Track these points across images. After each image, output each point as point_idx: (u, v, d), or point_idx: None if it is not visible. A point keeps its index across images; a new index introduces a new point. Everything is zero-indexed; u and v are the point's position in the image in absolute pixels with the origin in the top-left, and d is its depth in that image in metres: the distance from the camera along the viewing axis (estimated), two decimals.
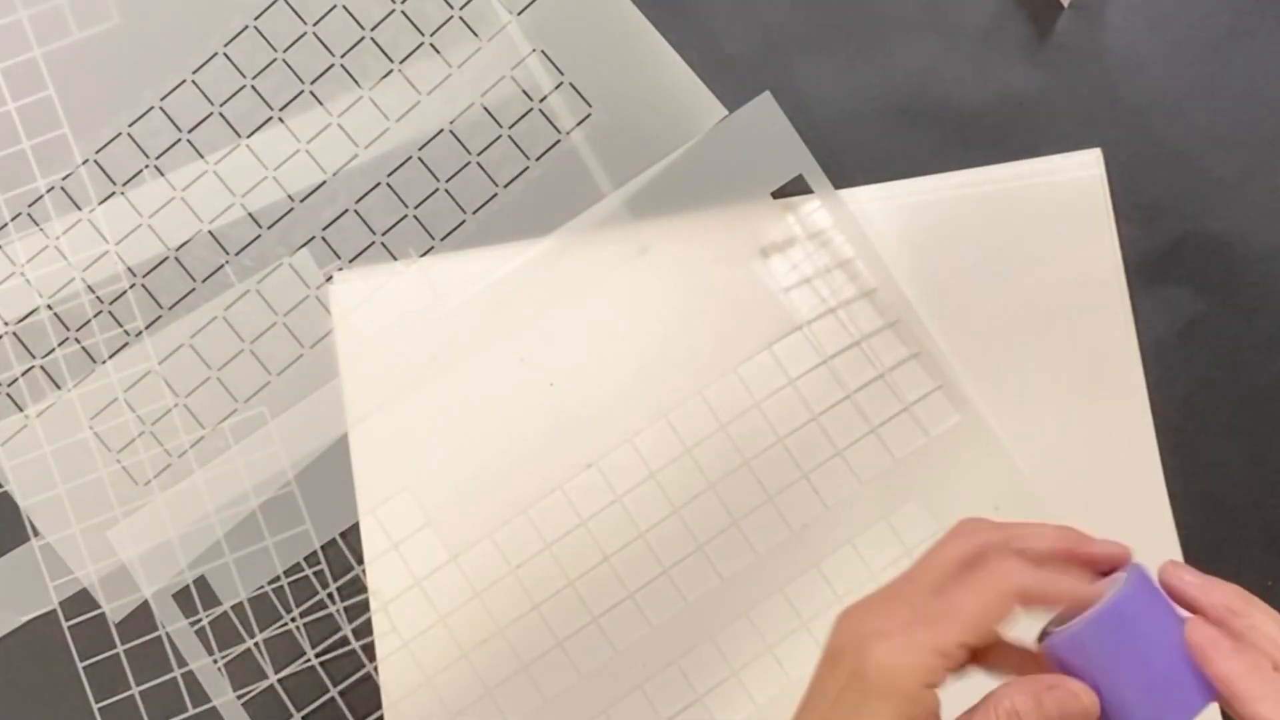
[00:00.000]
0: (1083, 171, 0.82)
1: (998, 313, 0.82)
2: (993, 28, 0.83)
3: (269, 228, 0.85)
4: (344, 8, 0.85)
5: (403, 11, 0.85)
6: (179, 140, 0.85)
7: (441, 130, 0.85)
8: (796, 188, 0.83)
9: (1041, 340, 0.82)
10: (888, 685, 0.57)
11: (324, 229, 0.85)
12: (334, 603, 0.83)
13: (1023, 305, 0.81)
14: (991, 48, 0.83)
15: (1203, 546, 0.80)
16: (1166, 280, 0.82)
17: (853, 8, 0.84)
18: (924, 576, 0.61)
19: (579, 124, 0.84)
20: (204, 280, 0.85)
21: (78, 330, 0.85)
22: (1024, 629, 0.61)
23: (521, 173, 0.85)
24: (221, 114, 0.85)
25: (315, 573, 0.83)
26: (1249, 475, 0.77)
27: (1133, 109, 0.83)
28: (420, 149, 0.85)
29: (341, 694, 0.83)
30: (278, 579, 0.83)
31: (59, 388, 0.85)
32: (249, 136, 0.85)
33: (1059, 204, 0.82)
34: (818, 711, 0.60)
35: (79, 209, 0.85)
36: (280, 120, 0.85)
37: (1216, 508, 0.81)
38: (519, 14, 0.84)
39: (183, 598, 0.83)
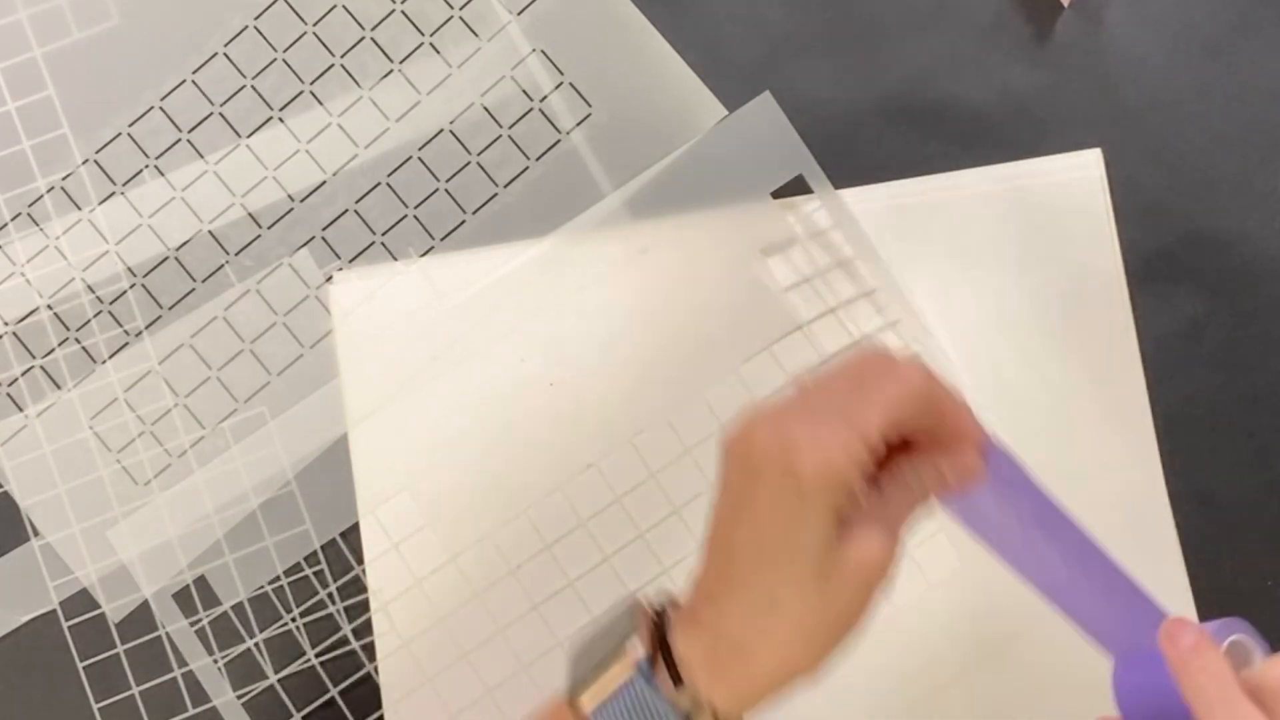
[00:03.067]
0: (1083, 171, 0.83)
1: (998, 312, 0.82)
2: (993, 28, 0.84)
3: (269, 228, 0.85)
4: (344, 8, 0.85)
5: (403, 11, 0.85)
6: (179, 140, 0.85)
7: (441, 130, 0.85)
8: (797, 188, 0.84)
9: (1041, 340, 0.82)
10: (826, 480, 0.58)
11: (324, 229, 0.85)
12: (334, 603, 0.83)
13: (1023, 305, 0.82)
14: (991, 48, 0.83)
15: (1202, 546, 0.80)
16: (1166, 280, 0.82)
17: (852, 8, 0.84)
18: (830, 385, 0.61)
19: (579, 124, 0.84)
20: (204, 280, 0.85)
21: (78, 330, 0.85)
22: None
23: (521, 173, 0.85)
24: (221, 114, 0.85)
25: (315, 573, 0.83)
26: (1249, 475, 0.77)
27: (1133, 109, 0.83)
28: (420, 149, 0.85)
29: (341, 694, 0.83)
30: (278, 579, 0.83)
31: (59, 388, 0.85)
32: (249, 136, 0.85)
33: (1059, 204, 0.82)
34: (745, 525, 0.60)
35: (79, 209, 0.85)
36: (280, 120, 0.85)
37: (1216, 508, 0.81)
38: (519, 14, 0.84)
39: (182, 598, 0.83)
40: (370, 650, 0.83)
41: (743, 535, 0.60)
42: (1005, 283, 0.82)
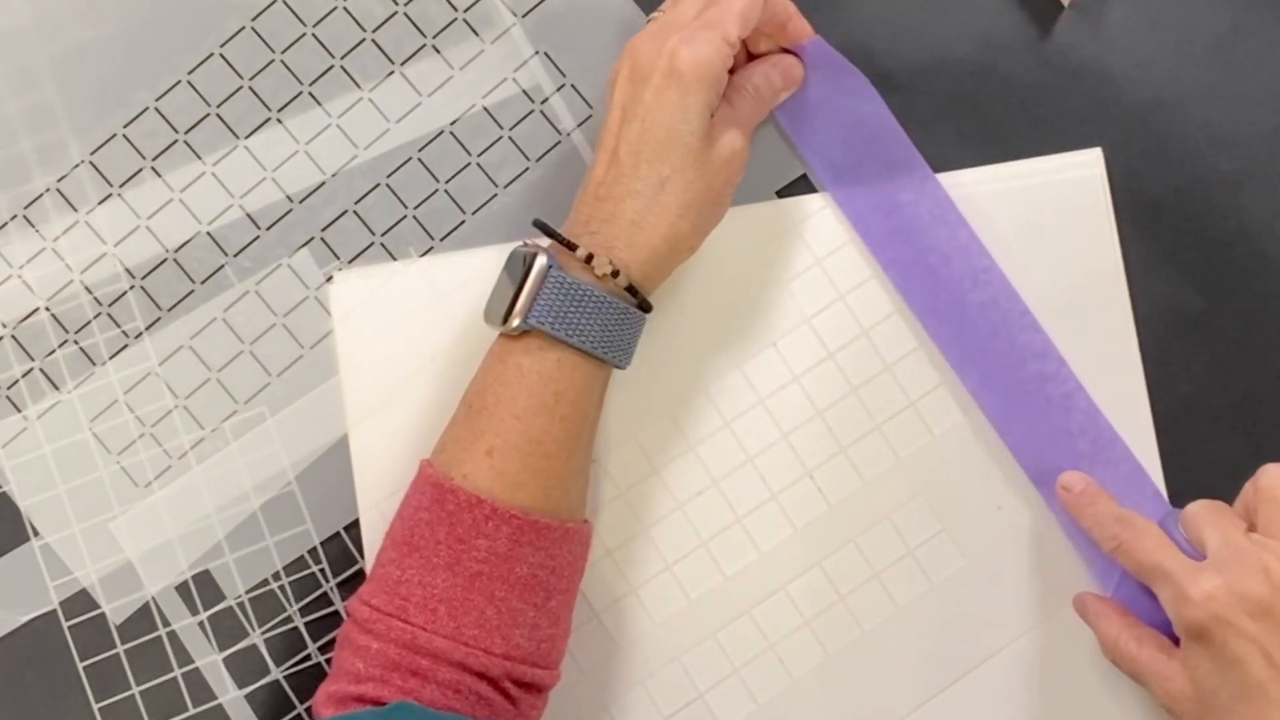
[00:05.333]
0: (1083, 171, 0.83)
1: None
2: (993, 28, 0.83)
3: (268, 228, 0.85)
4: (344, 9, 0.84)
5: (405, 14, 0.84)
6: (175, 141, 0.85)
7: (442, 131, 0.85)
8: (801, 187, 0.84)
9: None
10: (701, 73, 0.72)
11: (323, 229, 0.85)
12: (337, 599, 0.84)
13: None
14: (991, 48, 0.83)
15: None
16: (1166, 280, 0.82)
17: (852, 9, 0.84)
18: (687, 6, 0.75)
19: (580, 125, 0.84)
20: (203, 281, 0.85)
21: (77, 332, 0.84)
22: None
23: (521, 173, 0.85)
24: (219, 115, 0.85)
25: (319, 570, 0.83)
26: (1248, 475, 0.77)
27: (1133, 109, 0.83)
28: (420, 150, 0.85)
29: None
30: (280, 574, 0.83)
31: (58, 389, 0.84)
32: (247, 138, 0.85)
33: (1059, 204, 0.82)
34: (634, 126, 0.73)
35: (76, 211, 0.84)
36: (279, 121, 0.85)
37: None
38: (524, 16, 0.84)
39: (184, 594, 0.84)
40: None
41: (632, 136, 0.73)
42: (1011, 282, 0.82)
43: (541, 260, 0.73)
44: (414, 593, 0.72)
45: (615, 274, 0.73)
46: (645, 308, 0.76)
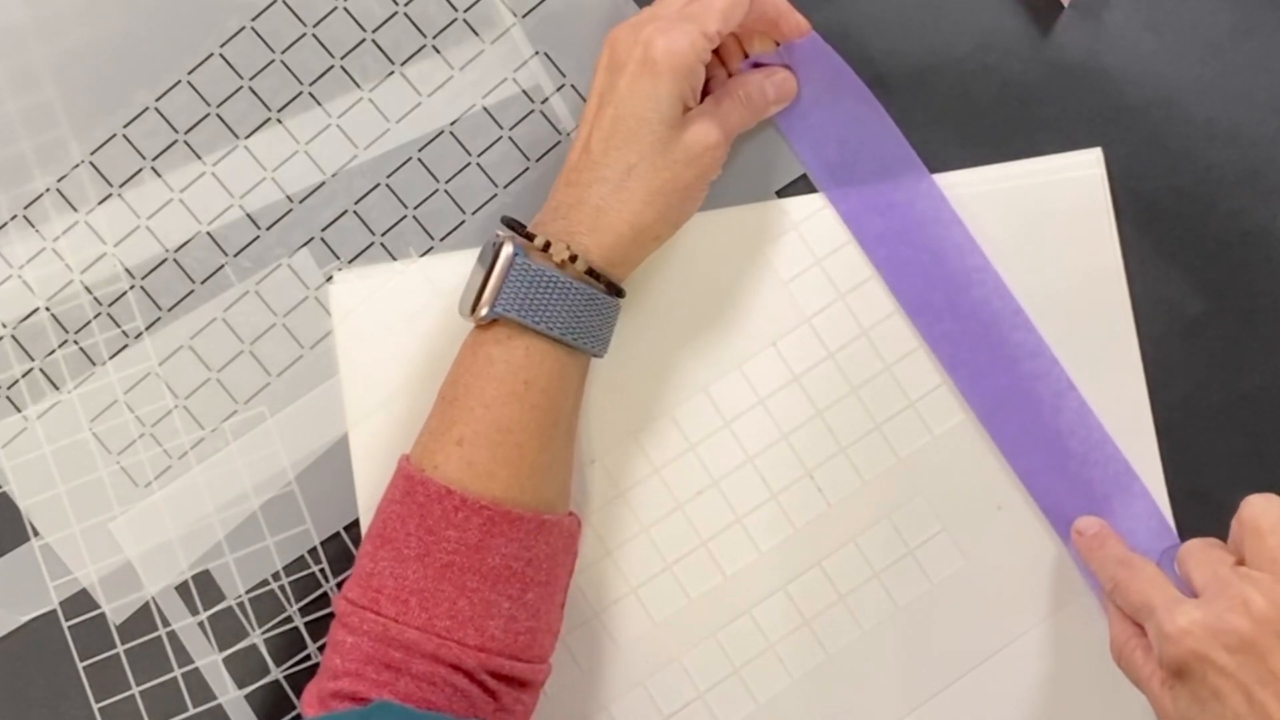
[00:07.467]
0: (1083, 171, 0.83)
1: None
2: (993, 28, 0.83)
3: (268, 228, 0.85)
4: (344, 9, 0.84)
5: (405, 14, 0.84)
6: (175, 141, 0.85)
7: (442, 131, 0.85)
8: (801, 187, 0.84)
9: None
10: (674, 63, 0.73)
11: (323, 230, 0.85)
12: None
13: (1023, 304, 0.82)
14: (991, 48, 0.83)
15: None
16: (1166, 280, 0.82)
17: (851, 8, 0.84)
18: (670, 1, 0.76)
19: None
20: (203, 281, 0.85)
21: (77, 332, 0.84)
22: None
23: (521, 173, 0.85)
24: (219, 115, 0.85)
25: (319, 570, 0.84)
26: (1248, 475, 0.77)
27: (1133, 108, 0.83)
28: (420, 150, 0.85)
29: None
30: (280, 575, 0.84)
31: (58, 389, 0.84)
32: (247, 138, 0.85)
33: (1059, 204, 0.82)
34: (608, 113, 0.74)
35: (76, 210, 0.84)
36: (279, 121, 0.85)
37: (1216, 507, 0.80)
38: (524, 16, 0.84)
39: (184, 594, 0.84)
40: None
41: (605, 123, 0.74)
42: (1005, 282, 0.82)
43: (508, 249, 0.73)
44: (386, 584, 0.72)
45: (573, 259, 0.73)
46: (617, 293, 0.76)
